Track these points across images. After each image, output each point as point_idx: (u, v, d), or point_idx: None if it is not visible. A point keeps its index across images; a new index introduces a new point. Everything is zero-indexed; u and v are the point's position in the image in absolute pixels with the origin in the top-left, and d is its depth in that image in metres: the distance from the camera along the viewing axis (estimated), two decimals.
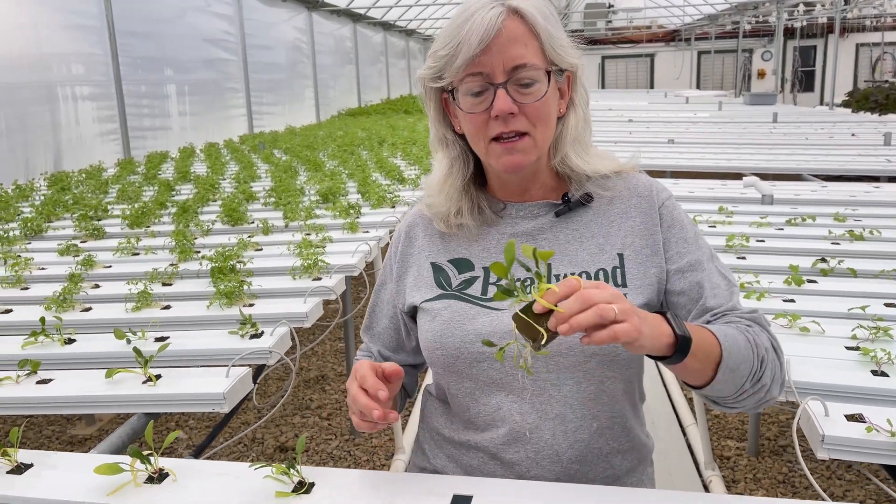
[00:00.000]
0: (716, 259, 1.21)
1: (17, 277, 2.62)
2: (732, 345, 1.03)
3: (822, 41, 21.99)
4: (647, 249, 1.17)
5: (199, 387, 1.58)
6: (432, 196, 1.24)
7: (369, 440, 3.33)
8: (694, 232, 1.21)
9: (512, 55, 1.08)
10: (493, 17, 1.06)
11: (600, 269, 1.16)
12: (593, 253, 1.17)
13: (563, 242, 1.18)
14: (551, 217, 1.19)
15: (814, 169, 4.84)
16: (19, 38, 6.25)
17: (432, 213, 1.25)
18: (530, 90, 1.09)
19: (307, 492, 1.12)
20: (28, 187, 5.01)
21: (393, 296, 1.30)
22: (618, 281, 1.15)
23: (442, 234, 1.25)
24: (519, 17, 1.08)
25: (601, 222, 1.19)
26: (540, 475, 1.15)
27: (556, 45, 1.11)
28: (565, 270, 1.16)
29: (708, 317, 1.14)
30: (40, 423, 3.57)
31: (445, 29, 1.11)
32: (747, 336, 1.07)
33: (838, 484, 2.90)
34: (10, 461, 1.22)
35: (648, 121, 8.73)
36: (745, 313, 1.14)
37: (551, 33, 1.11)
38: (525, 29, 1.09)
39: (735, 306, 1.15)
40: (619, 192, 1.21)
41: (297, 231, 3.29)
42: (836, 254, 2.53)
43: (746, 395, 1.07)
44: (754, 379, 1.06)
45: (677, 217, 1.21)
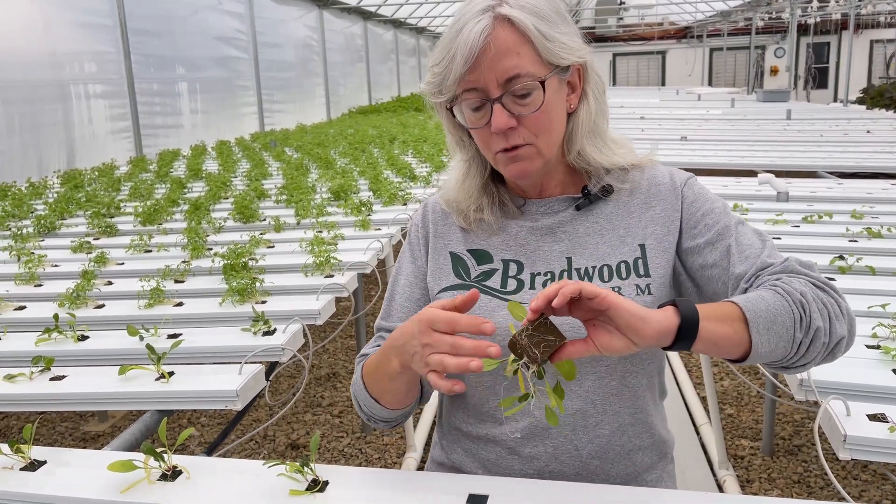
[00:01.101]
0: (739, 224, 1.15)
1: (31, 274, 2.63)
2: (756, 304, 0.97)
3: (836, 38, 21.81)
4: (669, 236, 1.16)
5: (212, 384, 1.57)
6: (451, 194, 1.24)
7: (380, 438, 3.33)
8: (722, 204, 1.18)
9: (503, 67, 1.04)
10: (478, 32, 1.03)
11: (622, 262, 1.14)
12: (614, 245, 1.16)
13: (584, 235, 1.17)
14: (571, 211, 1.18)
15: (829, 166, 4.79)
16: (32, 36, 6.29)
17: (451, 209, 1.24)
18: (527, 100, 1.06)
19: (321, 490, 1.11)
20: (41, 185, 5.04)
21: (417, 279, 1.26)
22: (640, 272, 1.13)
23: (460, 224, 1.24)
24: (509, 24, 1.04)
25: (621, 214, 1.18)
26: (558, 470, 1.14)
27: (555, 45, 1.06)
28: (586, 263, 1.15)
29: (743, 284, 1.08)
30: (53, 419, 3.59)
31: (441, 41, 1.09)
32: (775, 289, 1.00)
33: (854, 484, 2.87)
34: (24, 458, 1.22)
35: (661, 118, 8.68)
36: (777, 267, 1.07)
37: (547, 34, 1.06)
38: (516, 36, 1.05)
39: (765, 262, 1.08)
40: (638, 184, 1.19)
41: (309, 228, 3.28)
42: (854, 251, 2.50)
43: (805, 346, 0.99)
44: (804, 327, 0.98)
45: (700, 192, 1.18)
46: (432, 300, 1.22)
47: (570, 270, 1.15)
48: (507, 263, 1.18)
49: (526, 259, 1.17)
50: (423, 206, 1.31)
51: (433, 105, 1.18)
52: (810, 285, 1.03)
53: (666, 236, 1.16)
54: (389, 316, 1.27)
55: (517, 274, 1.17)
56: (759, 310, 0.97)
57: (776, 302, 0.98)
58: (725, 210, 1.17)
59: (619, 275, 1.13)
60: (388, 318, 1.27)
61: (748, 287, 1.07)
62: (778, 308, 0.98)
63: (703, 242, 1.14)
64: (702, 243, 1.14)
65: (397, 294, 1.27)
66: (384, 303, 1.31)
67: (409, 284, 1.26)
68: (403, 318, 1.24)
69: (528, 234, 1.19)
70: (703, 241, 1.14)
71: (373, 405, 1.16)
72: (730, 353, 0.98)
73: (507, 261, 1.18)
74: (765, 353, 0.98)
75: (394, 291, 1.28)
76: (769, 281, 1.04)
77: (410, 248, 1.29)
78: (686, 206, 1.17)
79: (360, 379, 1.19)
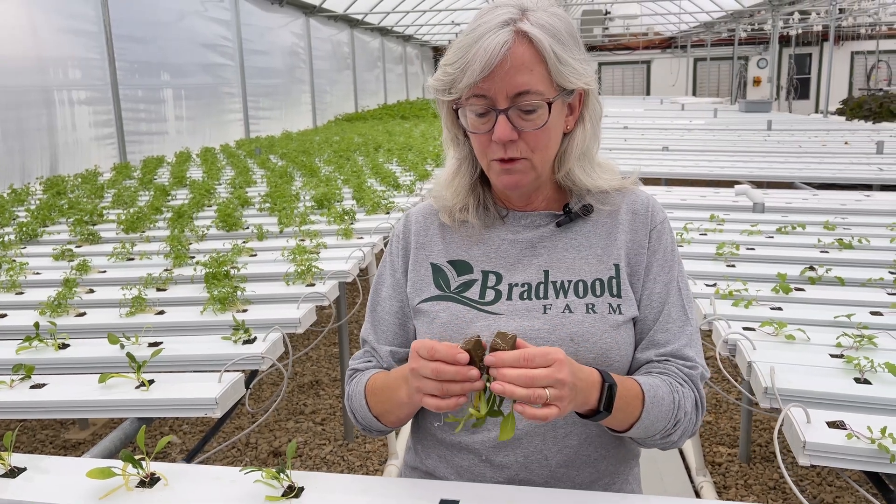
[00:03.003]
0: (685, 290, 1.23)
1: (12, 282, 2.64)
2: (654, 406, 1.10)
3: (818, 49, 22.11)
4: (629, 268, 1.20)
5: (192, 392, 1.60)
6: (441, 189, 1.27)
7: (363, 445, 3.35)
8: (674, 261, 1.24)
9: (515, 83, 1.08)
10: (499, 44, 1.06)
11: (597, 279, 1.18)
12: (591, 263, 1.19)
13: (562, 251, 1.20)
14: (552, 227, 1.22)
15: (806, 177, 4.88)
16: (17, 41, 6.26)
17: (439, 206, 1.28)
18: (532, 116, 1.10)
19: (297, 496, 1.13)
20: (24, 191, 5.02)
21: (396, 292, 1.30)
22: (613, 291, 1.18)
23: (442, 234, 1.27)
24: (528, 41, 1.08)
25: (600, 233, 1.22)
26: (528, 478, 1.17)
27: (566, 68, 1.10)
28: (562, 277, 1.18)
29: (653, 354, 1.19)
30: (34, 427, 3.58)
31: (458, 42, 1.11)
32: (674, 397, 1.13)
33: (829, 490, 2.92)
34: (4, 465, 1.24)
35: (644, 128, 8.77)
36: (685, 366, 1.18)
37: (560, 56, 1.09)
38: (532, 54, 1.08)
39: (679, 350, 1.19)
40: (618, 207, 1.23)
41: (292, 237, 3.30)
42: (824, 262, 2.56)
43: (650, 442, 1.17)
44: (664, 434, 1.14)
45: (664, 242, 1.23)
46: (412, 310, 1.25)
47: (546, 283, 1.18)
48: (487, 274, 1.21)
49: (505, 270, 1.20)
50: (406, 216, 1.33)
51: (437, 100, 1.21)
52: (693, 409, 1.17)
53: (627, 267, 1.21)
54: (376, 330, 1.31)
55: (496, 284, 1.20)
56: (650, 414, 1.11)
57: (667, 411, 1.13)
58: (673, 267, 1.22)
59: (593, 292, 1.17)
60: (375, 333, 1.31)
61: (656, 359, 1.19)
62: (663, 416, 1.12)
63: (646, 293, 1.20)
64: (644, 293, 1.20)
65: (379, 306, 1.31)
66: (368, 312, 1.35)
67: (390, 297, 1.30)
68: (388, 333, 1.29)
69: (508, 246, 1.22)
70: (646, 292, 1.20)
71: (371, 420, 1.24)
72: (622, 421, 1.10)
73: (486, 272, 1.21)
74: (624, 434, 1.14)
75: (376, 302, 1.32)
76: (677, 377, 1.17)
77: (391, 259, 1.32)
78: (649, 254, 1.21)
79: (363, 397, 1.23)
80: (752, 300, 2.09)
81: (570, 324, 1.14)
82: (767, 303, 2.11)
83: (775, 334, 1.82)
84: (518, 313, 1.16)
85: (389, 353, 1.30)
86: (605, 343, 1.14)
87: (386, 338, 1.30)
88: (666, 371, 1.17)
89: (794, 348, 1.74)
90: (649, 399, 1.10)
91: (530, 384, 0.95)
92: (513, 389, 0.95)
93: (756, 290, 2.22)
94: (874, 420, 1.31)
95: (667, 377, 1.16)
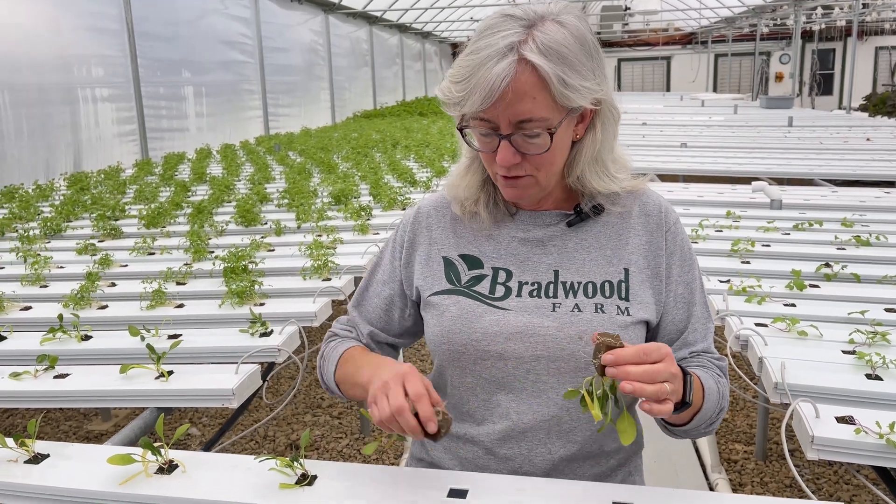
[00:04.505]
0: (703, 289, 1.26)
1: (37, 276, 2.70)
2: (709, 396, 1.13)
3: (841, 44, 21.81)
4: (648, 270, 1.21)
5: (210, 383, 1.63)
6: (455, 180, 1.27)
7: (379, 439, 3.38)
8: (692, 260, 1.25)
9: (518, 110, 1.06)
10: (500, 76, 1.03)
11: (606, 281, 1.19)
12: (601, 265, 1.20)
13: (572, 251, 1.21)
14: (562, 226, 1.22)
15: (826, 174, 4.83)
16: (41, 40, 6.37)
17: (451, 196, 1.28)
18: (535, 140, 1.09)
19: (310, 484, 1.16)
20: (48, 187, 5.11)
21: (390, 279, 1.32)
22: (622, 295, 1.18)
23: (455, 228, 1.28)
24: (531, 69, 1.04)
25: (610, 234, 1.22)
26: (531, 471, 1.19)
27: (571, 91, 1.06)
28: (572, 278, 1.19)
29: (686, 352, 1.22)
30: (58, 418, 3.65)
31: (463, 60, 1.09)
32: (720, 391, 1.17)
33: (845, 489, 2.90)
34: (28, 451, 1.28)
35: (663, 124, 8.72)
36: (716, 360, 1.23)
37: (567, 81, 1.06)
38: (535, 80, 1.05)
39: (709, 347, 1.24)
40: (630, 209, 1.23)
41: (309, 232, 3.34)
42: (841, 259, 2.54)
43: (694, 433, 1.18)
44: (709, 423, 1.17)
45: (680, 244, 1.24)
46: (422, 301, 1.27)
47: (556, 283, 1.19)
48: (497, 271, 1.22)
49: (515, 268, 1.22)
50: (416, 209, 1.33)
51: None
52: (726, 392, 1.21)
53: (645, 269, 1.21)
54: (361, 306, 1.36)
55: (506, 281, 1.21)
56: (707, 410, 1.13)
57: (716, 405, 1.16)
58: (692, 269, 1.24)
59: (602, 293, 1.18)
60: (360, 308, 1.36)
61: (689, 357, 1.23)
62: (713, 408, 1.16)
63: (670, 297, 1.22)
64: (669, 297, 1.22)
65: (371, 288, 1.35)
66: (360, 287, 1.39)
67: (383, 283, 1.33)
68: (371, 316, 1.34)
69: (518, 245, 1.23)
70: (670, 297, 1.22)
71: (332, 384, 1.30)
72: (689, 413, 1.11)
73: (497, 268, 1.22)
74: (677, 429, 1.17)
75: (369, 281, 1.36)
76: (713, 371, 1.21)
77: (392, 246, 1.34)
78: (667, 256, 1.23)
79: (335, 362, 1.28)
80: (765, 297, 2.08)
81: (579, 322, 1.15)
82: (781, 299, 2.11)
83: (788, 330, 1.82)
84: (527, 310, 1.17)
85: (369, 333, 1.35)
86: None
87: (369, 319, 1.35)
88: (703, 365, 1.20)
89: (806, 344, 1.74)
90: (707, 390, 1.12)
91: (653, 379, 0.95)
92: (642, 387, 0.94)
93: (770, 286, 2.22)
94: (884, 416, 1.31)
95: (707, 370, 1.19)
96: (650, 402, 0.95)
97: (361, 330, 1.35)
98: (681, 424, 1.14)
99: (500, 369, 1.18)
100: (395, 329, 1.35)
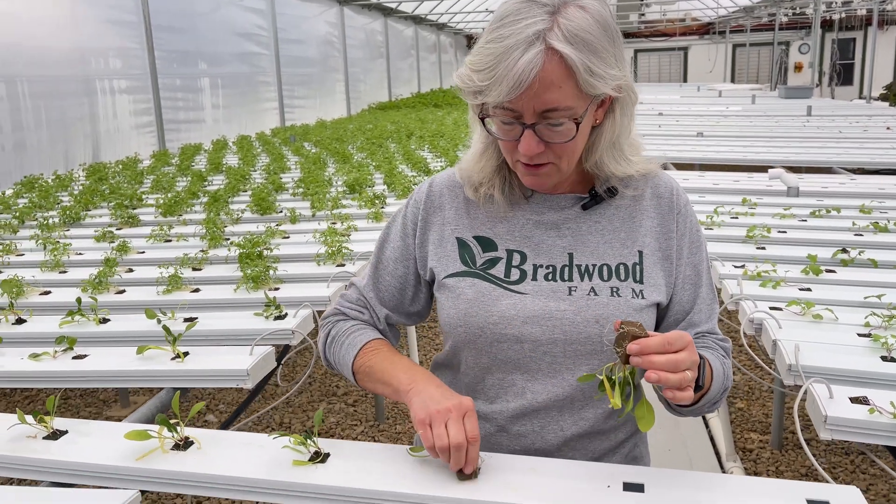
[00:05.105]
0: (709, 270, 1.27)
1: (56, 262, 2.74)
2: (717, 378, 1.14)
3: (861, 33, 21.49)
4: (659, 252, 1.21)
5: (225, 363, 1.65)
6: (467, 165, 1.26)
7: (393, 426, 3.40)
8: (700, 242, 1.25)
9: (544, 100, 1.04)
10: (528, 67, 1.01)
11: (621, 264, 1.19)
12: (615, 247, 1.20)
13: (586, 234, 1.21)
14: (577, 209, 1.22)
15: (845, 162, 4.78)
16: (59, 32, 6.44)
17: (464, 180, 1.27)
18: (559, 129, 1.07)
19: (322, 461, 1.17)
20: (67, 177, 5.18)
21: (403, 256, 1.31)
22: (637, 277, 1.19)
23: (468, 209, 1.27)
24: (558, 57, 1.02)
25: (623, 217, 1.22)
26: (542, 447, 1.20)
27: (597, 80, 1.05)
28: (587, 261, 1.19)
29: (691, 333, 1.21)
30: (77, 405, 3.70)
31: (485, 46, 1.06)
32: (725, 371, 1.18)
33: (861, 478, 2.88)
34: (47, 427, 1.30)
35: (679, 114, 8.66)
36: (720, 341, 1.23)
37: (593, 69, 1.04)
38: (562, 70, 1.03)
39: (713, 328, 1.25)
40: (642, 192, 1.23)
41: (324, 220, 3.36)
42: (858, 245, 2.52)
43: (698, 411, 1.18)
44: (713, 402, 1.17)
45: (690, 224, 1.24)
46: (438, 284, 1.26)
47: (570, 266, 1.19)
48: (511, 253, 1.22)
49: (529, 251, 1.21)
50: (429, 185, 1.31)
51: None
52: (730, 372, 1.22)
53: (657, 251, 1.21)
54: (377, 289, 1.33)
55: (520, 264, 1.21)
56: (714, 390, 1.15)
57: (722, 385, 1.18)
58: (700, 250, 1.25)
59: (617, 276, 1.18)
60: (375, 288, 1.33)
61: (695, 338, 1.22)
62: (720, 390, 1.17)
63: (679, 279, 1.22)
64: (679, 277, 1.22)
65: (382, 267, 1.33)
66: (370, 267, 1.36)
67: (395, 260, 1.31)
68: (386, 297, 1.32)
69: (533, 227, 1.22)
70: (679, 278, 1.22)
71: (347, 372, 1.27)
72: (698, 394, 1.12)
73: (511, 251, 1.22)
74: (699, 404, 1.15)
75: (379, 259, 1.33)
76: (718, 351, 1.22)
77: (403, 222, 1.32)
78: (677, 237, 1.23)
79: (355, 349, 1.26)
80: (780, 281, 2.07)
81: (596, 306, 1.15)
82: (796, 284, 2.10)
83: (802, 314, 1.80)
84: (543, 294, 1.17)
85: (385, 317, 1.33)
86: None
87: (384, 301, 1.33)
88: (707, 345, 1.21)
89: (821, 327, 1.73)
90: (714, 371, 1.13)
91: (677, 369, 0.96)
92: (667, 377, 0.96)
93: (785, 271, 2.20)
94: None
95: (712, 351, 1.20)
96: (672, 389, 0.97)
97: (377, 313, 1.33)
98: (690, 405, 1.14)
99: (517, 351, 1.18)
100: (406, 308, 1.34)
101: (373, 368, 1.23)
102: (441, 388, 1.13)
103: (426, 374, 1.17)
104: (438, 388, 1.12)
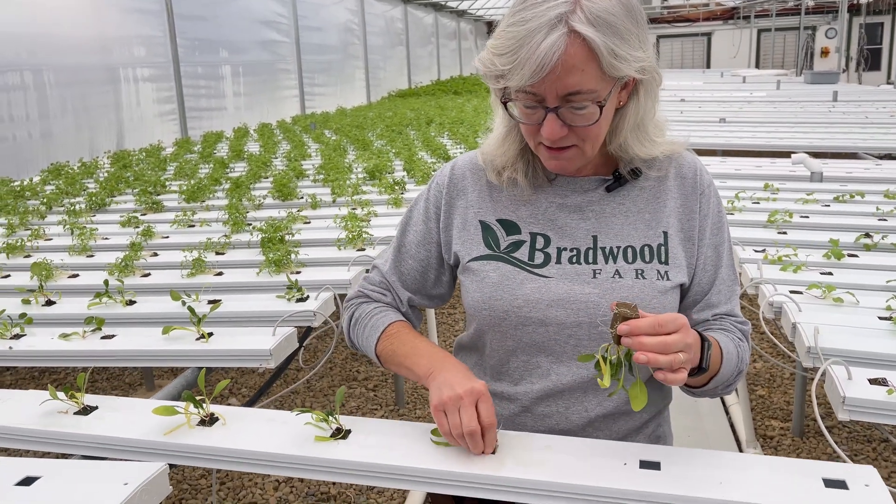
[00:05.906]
0: (730, 251, 1.26)
1: (84, 246, 2.80)
2: (728, 361, 1.14)
3: (890, 18, 21.05)
4: (682, 234, 1.21)
5: (248, 344, 1.68)
6: (490, 149, 1.25)
7: (413, 411, 3.43)
8: (722, 223, 1.25)
9: (567, 83, 1.03)
10: (550, 51, 1.00)
11: (646, 245, 1.19)
12: (640, 229, 1.20)
13: (610, 216, 1.21)
14: (601, 191, 1.22)
15: (870, 147, 4.71)
16: (83, 21, 6.51)
17: (486, 164, 1.26)
18: (583, 112, 1.06)
19: (344, 437, 1.19)
20: (93, 164, 5.26)
21: (425, 240, 1.31)
22: (661, 258, 1.19)
23: (491, 192, 1.26)
24: (580, 40, 1.01)
25: (648, 199, 1.22)
26: (567, 428, 1.21)
27: (621, 62, 1.04)
28: (611, 243, 1.19)
29: (709, 314, 1.23)
30: (105, 388, 3.78)
31: (507, 28, 1.05)
32: (739, 354, 1.18)
33: (884, 465, 2.87)
34: (77, 403, 1.34)
35: (702, 100, 8.57)
36: (739, 323, 1.23)
37: (616, 51, 1.03)
38: (585, 52, 1.02)
39: (732, 310, 1.24)
40: (666, 173, 1.23)
41: (344, 206, 3.38)
42: (882, 230, 2.49)
43: (711, 393, 1.19)
44: (726, 385, 1.18)
45: (712, 205, 1.24)
46: (462, 267, 1.26)
47: (595, 249, 1.19)
48: (535, 237, 1.22)
49: (553, 234, 1.21)
50: (452, 168, 1.31)
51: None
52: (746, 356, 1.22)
53: (679, 232, 1.21)
54: (399, 272, 1.34)
55: (544, 247, 1.21)
56: (724, 373, 1.15)
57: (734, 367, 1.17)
58: (721, 231, 1.24)
59: (642, 258, 1.18)
60: (398, 271, 1.34)
61: (712, 319, 1.23)
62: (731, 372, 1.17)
63: (701, 258, 1.22)
64: (700, 258, 1.22)
65: (405, 250, 1.33)
66: (392, 250, 1.36)
67: (417, 244, 1.32)
68: (408, 280, 1.33)
69: (556, 210, 1.22)
70: (701, 257, 1.22)
71: (371, 353, 1.30)
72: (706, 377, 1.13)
73: (534, 234, 1.22)
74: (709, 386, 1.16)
75: (402, 243, 1.34)
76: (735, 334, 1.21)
77: (425, 206, 1.32)
78: (700, 218, 1.22)
79: (378, 332, 1.28)
80: (801, 265, 2.06)
81: (621, 289, 1.15)
82: (818, 268, 2.08)
83: (823, 297, 1.80)
84: (567, 277, 1.17)
85: (408, 300, 1.34)
86: (654, 308, 1.14)
87: (407, 284, 1.34)
88: (725, 328, 1.21)
89: (841, 311, 1.72)
90: (725, 354, 1.13)
91: (667, 350, 0.97)
92: (656, 358, 0.96)
93: (807, 255, 2.19)
94: None
95: (728, 333, 1.19)
96: (664, 371, 0.97)
97: (400, 296, 1.33)
98: (698, 386, 1.16)
99: (542, 334, 1.18)
100: (429, 291, 1.34)
101: (395, 353, 1.24)
102: (458, 372, 1.12)
103: (444, 359, 1.17)
104: (455, 374, 1.12)
